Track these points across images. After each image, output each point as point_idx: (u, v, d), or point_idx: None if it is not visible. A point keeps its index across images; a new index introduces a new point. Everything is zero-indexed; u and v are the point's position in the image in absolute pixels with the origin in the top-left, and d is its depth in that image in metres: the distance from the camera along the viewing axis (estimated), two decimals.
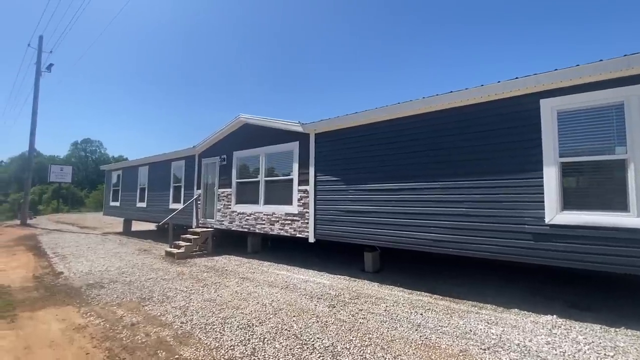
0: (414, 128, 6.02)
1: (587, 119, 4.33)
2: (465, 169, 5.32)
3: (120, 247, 10.66)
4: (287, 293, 5.49)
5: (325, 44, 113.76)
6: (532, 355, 3.28)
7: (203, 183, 11.10)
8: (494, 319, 4.30)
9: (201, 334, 3.79)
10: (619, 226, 4.02)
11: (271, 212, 8.48)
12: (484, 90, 5.04)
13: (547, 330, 3.91)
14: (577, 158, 4.37)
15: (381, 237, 6.35)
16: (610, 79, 4.14)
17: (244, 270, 7.32)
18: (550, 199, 4.45)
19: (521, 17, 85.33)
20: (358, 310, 4.64)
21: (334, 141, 7.31)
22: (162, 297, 5.23)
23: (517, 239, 4.74)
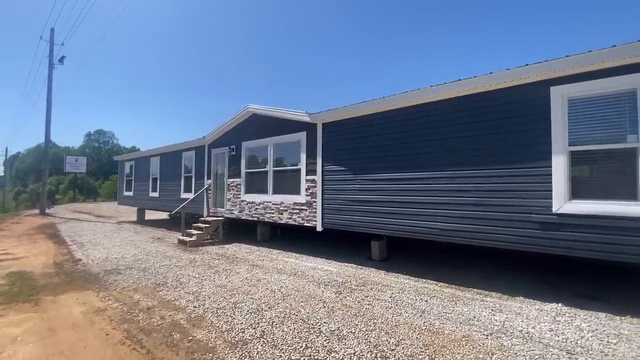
0: (421, 117, 5.99)
1: (598, 106, 4.25)
2: (473, 158, 5.30)
3: (135, 236, 11.01)
4: (295, 280, 5.64)
5: (334, 38, 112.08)
6: (534, 341, 3.35)
7: (213, 173, 11.29)
8: (499, 306, 4.36)
9: (213, 318, 3.97)
10: (628, 215, 3.99)
11: (280, 202, 8.61)
12: (493, 77, 4.97)
13: (551, 317, 3.96)
14: (586, 147, 4.31)
15: (388, 226, 6.41)
16: (623, 65, 4.04)
17: (254, 257, 7.51)
18: (558, 188, 4.43)
19: (530, 6, 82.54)
20: (364, 296, 4.76)
21: (341, 131, 7.33)
22: (175, 283, 5.45)
23: (524, 228, 4.74)
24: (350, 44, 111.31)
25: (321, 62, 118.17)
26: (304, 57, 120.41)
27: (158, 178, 14.30)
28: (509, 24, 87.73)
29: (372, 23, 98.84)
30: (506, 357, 3.01)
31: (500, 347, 3.21)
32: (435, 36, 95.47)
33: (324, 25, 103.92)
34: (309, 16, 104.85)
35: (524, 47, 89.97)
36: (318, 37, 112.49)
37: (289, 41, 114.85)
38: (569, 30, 78.30)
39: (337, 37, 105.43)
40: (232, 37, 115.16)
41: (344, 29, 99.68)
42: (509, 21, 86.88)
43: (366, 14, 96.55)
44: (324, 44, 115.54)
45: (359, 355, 3.05)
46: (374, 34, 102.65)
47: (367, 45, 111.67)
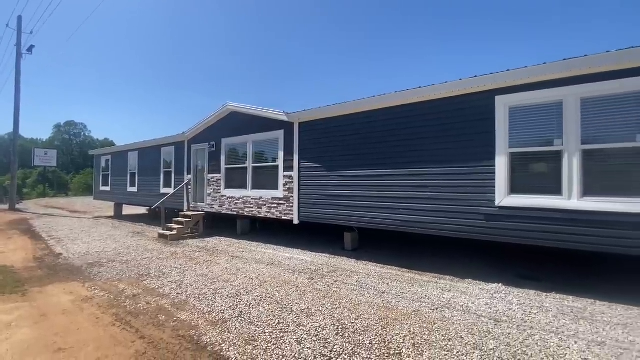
0: (387, 119, 6.55)
1: (533, 114, 4.95)
2: (432, 157, 5.92)
3: (114, 230, 11.09)
4: (272, 268, 6.12)
5: (316, 35, 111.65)
6: (471, 313, 4.00)
7: (193, 168, 11.50)
8: (449, 287, 5.02)
9: (195, 302, 4.39)
10: (554, 207, 4.72)
11: (259, 197, 9.02)
12: (448, 86, 5.59)
13: (490, 295, 4.65)
14: (523, 149, 5.01)
15: (358, 218, 6.99)
16: (552, 79, 4.73)
17: (234, 249, 7.92)
18: (500, 184, 5.12)
19: (513, 11, 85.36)
20: (333, 281, 5.31)
21: (316, 130, 7.80)
22: (158, 274, 5.80)
23: (473, 219, 5.43)
24: (337, 40, 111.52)
25: (320, 59, 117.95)
26: (287, 51, 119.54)
27: (136, 173, 14.29)
28: (508, 24, 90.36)
29: (360, 20, 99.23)
30: (445, 325, 3.63)
31: (442, 318, 3.84)
32: (434, 35, 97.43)
33: (312, 23, 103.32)
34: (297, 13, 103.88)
35: (522, 47, 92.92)
36: (310, 34, 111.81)
37: (275, 37, 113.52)
38: (571, 30, 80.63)
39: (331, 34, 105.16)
40: (215, 31, 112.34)
41: (330, 28, 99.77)
42: (507, 21, 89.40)
43: (355, 11, 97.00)
44: (307, 40, 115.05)
45: (323, 327, 3.58)
46: (366, 32, 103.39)
47: (364, 43, 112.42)
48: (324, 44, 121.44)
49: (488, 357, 2.97)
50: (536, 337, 3.36)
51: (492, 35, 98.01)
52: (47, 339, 3.38)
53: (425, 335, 3.39)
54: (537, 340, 3.30)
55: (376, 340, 3.28)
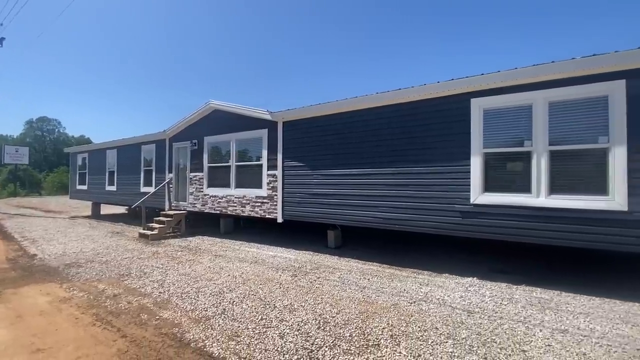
0: (369, 119, 6.71)
1: (506, 116, 5.21)
2: (412, 157, 6.12)
3: (92, 230, 10.80)
4: (256, 266, 6.17)
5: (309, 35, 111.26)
6: (446, 305, 4.20)
7: (175, 167, 11.33)
8: (427, 281, 5.23)
9: (178, 301, 4.40)
10: (524, 205, 5.00)
11: (242, 195, 9.01)
12: (426, 88, 5.79)
13: (464, 288, 4.88)
14: (496, 149, 5.27)
15: (342, 216, 7.13)
16: (523, 84, 5.00)
17: (217, 248, 7.90)
18: (475, 183, 5.36)
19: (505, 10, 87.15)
20: (316, 278, 5.42)
21: (300, 129, 7.88)
22: (139, 273, 5.73)
23: (449, 216, 5.66)
24: (327, 40, 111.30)
25: (310, 59, 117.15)
26: (277, 50, 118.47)
27: (115, 171, 13.92)
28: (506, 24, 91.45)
29: (355, 20, 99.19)
30: (421, 317, 3.81)
31: (419, 311, 4.02)
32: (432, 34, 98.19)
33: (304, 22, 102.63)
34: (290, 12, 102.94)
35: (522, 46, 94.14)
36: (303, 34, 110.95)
37: (265, 37, 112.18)
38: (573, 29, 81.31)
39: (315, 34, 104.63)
40: (202, 27, 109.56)
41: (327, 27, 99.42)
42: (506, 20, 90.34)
43: (344, 11, 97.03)
44: (300, 40, 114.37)
45: (306, 321, 3.68)
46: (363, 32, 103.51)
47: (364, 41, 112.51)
48: (314, 44, 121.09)
49: (460, 345, 3.16)
50: (505, 327, 3.58)
51: (491, 34, 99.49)
52: (25, 339, 3.32)
53: (403, 327, 3.55)
54: (506, 329, 3.53)
55: (356, 333, 3.41)
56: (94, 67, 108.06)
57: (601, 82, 4.52)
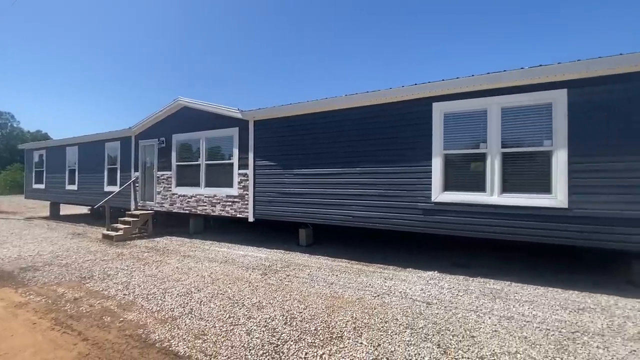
0: (339, 120, 6.89)
1: (463, 120, 5.57)
2: (379, 157, 6.36)
3: (50, 232, 10.22)
4: (226, 266, 6.17)
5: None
6: (408, 297, 4.46)
7: (141, 165, 10.95)
8: (391, 276, 5.49)
9: (143, 302, 4.34)
10: (480, 203, 5.38)
11: (212, 194, 8.91)
12: (392, 92, 6.04)
13: (425, 281, 5.18)
14: (455, 151, 5.62)
15: (313, 215, 7.26)
16: (480, 90, 5.37)
17: (186, 249, 7.77)
18: (436, 182, 5.69)
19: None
20: (286, 275, 5.52)
21: (272, 129, 7.92)
22: (103, 276, 5.56)
23: (413, 214, 5.96)
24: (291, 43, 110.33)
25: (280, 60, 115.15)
26: (249, 51, 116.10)
27: (76, 169, 13.21)
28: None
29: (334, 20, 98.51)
30: (384, 310, 4.03)
31: (382, 304, 4.24)
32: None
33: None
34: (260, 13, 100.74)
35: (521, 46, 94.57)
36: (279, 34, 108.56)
37: (237, 33, 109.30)
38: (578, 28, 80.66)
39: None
40: (170, 20, 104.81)
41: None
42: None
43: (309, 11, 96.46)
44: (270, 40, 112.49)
45: (273, 318, 3.78)
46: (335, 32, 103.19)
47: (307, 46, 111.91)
48: (282, 46, 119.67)
49: (417, 334, 3.39)
50: (459, 315, 3.87)
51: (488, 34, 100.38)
52: None
53: (366, 319, 3.74)
54: (459, 317, 3.82)
55: (321, 327, 3.56)
56: (55, 54, 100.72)
57: (546, 90, 4.96)
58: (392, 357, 2.95)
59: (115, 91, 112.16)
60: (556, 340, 3.29)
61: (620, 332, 3.49)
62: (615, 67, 4.54)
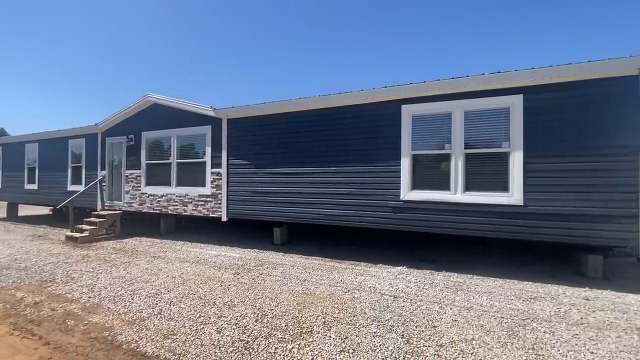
0: (313, 120, 6.99)
1: (430, 122, 5.84)
2: (352, 156, 6.53)
3: (7, 234, 9.60)
4: (198, 266, 6.10)
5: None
6: (377, 292, 4.64)
7: (108, 163, 10.53)
8: (362, 272, 5.67)
9: (110, 304, 4.23)
10: (444, 200, 5.67)
11: (184, 194, 8.74)
12: (364, 94, 6.23)
13: (394, 276, 5.40)
14: (422, 151, 5.89)
15: (287, 214, 7.32)
16: (445, 93, 5.65)
17: (156, 250, 7.59)
18: (404, 181, 5.93)
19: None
20: (259, 274, 5.55)
21: (246, 127, 7.89)
22: (66, 279, 5.34)
23: (383, 211, 6.18)
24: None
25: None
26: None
27: (37, 168, 12.46)
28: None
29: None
30: (353, 304, 4.18)
31: (352, 298, 4.39)
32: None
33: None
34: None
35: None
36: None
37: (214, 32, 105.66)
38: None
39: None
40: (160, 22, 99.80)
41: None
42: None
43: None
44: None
45: (244, 316, 3.83)
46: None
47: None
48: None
49: (383, 326, 3.56)
50: (423, 307, 4.09)
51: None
52: None
53: (335, 314, 3.87)
54: (423, 309, 4.04)
55: (292, 322, 3.65)
56: (11, 46, 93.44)
57: (505, 95, 5.31)
58: (359, 349, 3.09)
59: (78, 88, 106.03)
60: (509, 327, 3.57)
61: (566, 318, 3.83)
62: (564, 76, 4.94)
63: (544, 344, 3.20)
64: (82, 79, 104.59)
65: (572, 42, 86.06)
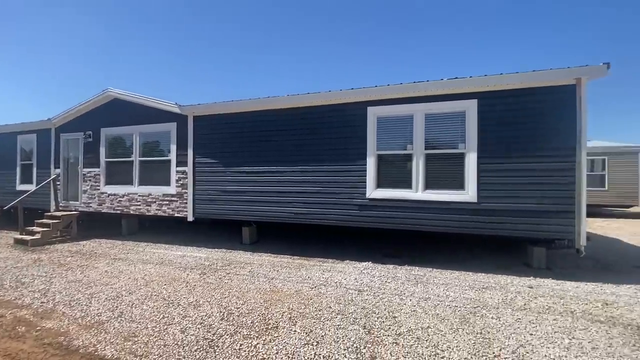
0: (282, 119, 7.03)
1: (393, 124, 6.11)
2: (319, 156, 6.66)
3: None
4: (162, 267, 5.95)
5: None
6: (342, 287, 4.81)
7: (63, 161, 9.89)
8: (330, 268, 5.82)
9: (65, 309, 4.04)
10: (407, 198, 5.96)
11: (147, 193, 8.43)
12: (331, 95, 6.38)
13: (360, 271, 5.61)
14: (386, 152, 6.15)
15: (255, 213, 7.31)
16: (407, 97, 5.94)
17: (117, 251, 7.28)
18: (370, 180, 6.16)
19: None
20: (226, 274, 5.53)
21: (213, 125, 7.76)
22: (15, 284, 5.00)
23: (350, 209, 6.37)
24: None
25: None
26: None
27: None
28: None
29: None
30: (319, 299, 4.31)
31: (318, 294, 4.51)
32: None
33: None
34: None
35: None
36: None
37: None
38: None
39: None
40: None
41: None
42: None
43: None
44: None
45: (210, 315, 3.82)
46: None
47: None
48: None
49: (346, 318, 3.72)
50: (385, 300, 4.31)
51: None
52: None
53: (301, 310, 3.97)
54: (385, 301, 4.25)
55: (258, 320, 3.70)
56: None
57: (461, 100, 5.68)
58: (322, 341, 3.22)
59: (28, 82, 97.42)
60: (461, 315, 3.86)
61: (511, 304, 4.21)
62: (512, 83, 5.39)
63: (491, 328, 3.51)
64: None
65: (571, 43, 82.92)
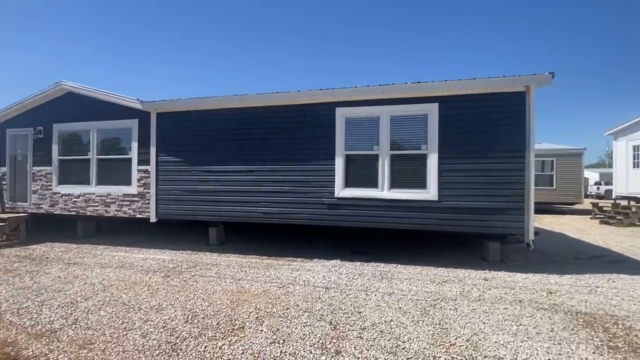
0: (250, 118, 6.96)
1: (361, 125, 6.27)
2: (287, 155, 6.67)
3: None
4: (122, 271, 5.67)
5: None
6: (310, 285, 4.87)
7: (9, 158, 9.10)
8: (298, 267, 5.86)
9: (13, 318, 3.75)
10: (374, 197, 6.14)
11: (106, 193, 7.99)
12: (300, 95, 6.42)
13: (328, 269, 5.70)
14: (354, 152, 6.30)
15: (223, 213, 7.17)
16: (374, 99, 6.12)
17: (72, 255, 6.83)
18: (338, 179, 6.28)
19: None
20: (191, 276, 5.39)
21: (177, 123, 7.50)
22: None
23: (319, 208, 6.45)
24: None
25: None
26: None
27: None
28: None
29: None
30: (287, 298, 4.34)
31: (286, 293, 4.54)
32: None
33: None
34: None
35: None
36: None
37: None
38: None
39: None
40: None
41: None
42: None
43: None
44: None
45: (173, 318, 3.72)
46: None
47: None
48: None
49: (313, 316, 3.78)
50: (351, 296, 4.43)
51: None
52: None
53: (269, 309, 3.98)
54: (351, 297, 4.37)
55: (224, 321, 3.66)
56: None
57: (424, 103, 5.95)
58: (289, 338, 3.26)
59: None
60: (422, 307, 4.07)
61: (468, 296, 4.49)
62: (470, 89, 5.73)
63: (448, 319, 3.73)
64: None
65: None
